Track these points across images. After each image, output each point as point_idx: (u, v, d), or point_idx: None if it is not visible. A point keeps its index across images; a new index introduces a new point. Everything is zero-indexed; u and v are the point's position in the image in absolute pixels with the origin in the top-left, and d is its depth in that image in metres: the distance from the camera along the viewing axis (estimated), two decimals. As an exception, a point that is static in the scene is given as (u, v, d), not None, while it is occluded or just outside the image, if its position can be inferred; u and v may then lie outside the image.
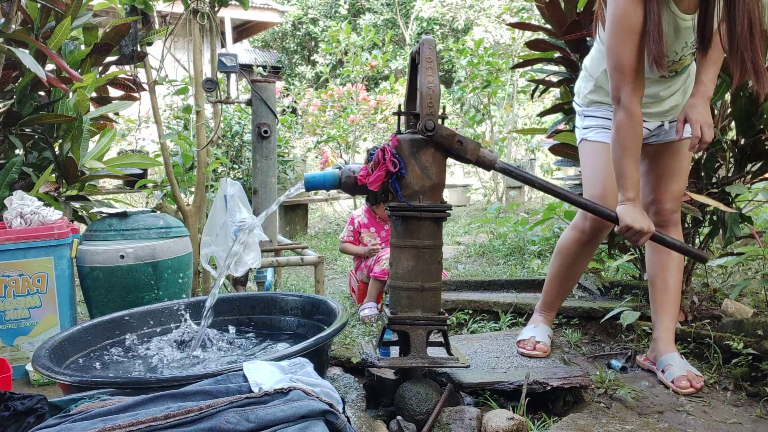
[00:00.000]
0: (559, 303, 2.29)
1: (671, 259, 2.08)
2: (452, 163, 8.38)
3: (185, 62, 3.47)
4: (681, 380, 1.94)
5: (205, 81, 2.93)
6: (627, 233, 1.78)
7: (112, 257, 2.36)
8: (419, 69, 1.70)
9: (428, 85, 1.66)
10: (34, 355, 1.64)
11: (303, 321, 2.18)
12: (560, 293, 2.24)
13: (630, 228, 1.76)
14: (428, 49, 1.70)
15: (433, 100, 1.65)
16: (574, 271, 2.18)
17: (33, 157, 2.91)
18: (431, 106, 1.65)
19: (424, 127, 1.65)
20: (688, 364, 2.02)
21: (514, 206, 6.97)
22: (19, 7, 2.59)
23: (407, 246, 1.74)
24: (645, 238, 1.79)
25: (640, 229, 1.76)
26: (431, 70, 1.67)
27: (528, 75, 5.37)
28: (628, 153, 1.80)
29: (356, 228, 3.37)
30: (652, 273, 2.13)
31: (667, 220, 2.07)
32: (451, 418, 1.65)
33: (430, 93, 1.66)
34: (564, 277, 2.19)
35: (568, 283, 2.22)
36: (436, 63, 1.68)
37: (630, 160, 1.80)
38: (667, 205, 2.06)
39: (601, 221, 1.97)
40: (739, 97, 2.17)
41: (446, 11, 14.12)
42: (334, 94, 7.46)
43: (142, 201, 6.02)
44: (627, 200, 1.80)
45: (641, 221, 1.77)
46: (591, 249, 2.12)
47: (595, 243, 2.10)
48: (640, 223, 1.76)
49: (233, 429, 1.08)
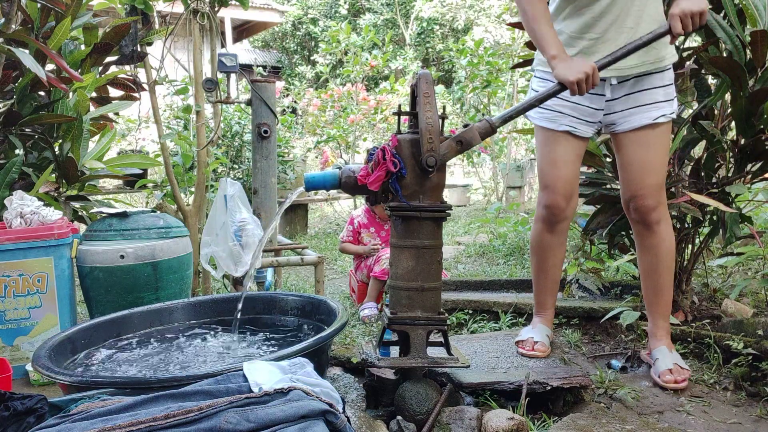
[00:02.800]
0: (552, 301, 2.26)
1: (660, 260, 2.05)
2: (452, 163, 8.32)
3: (185, 62, 3.47)
4: (665, 374, 1.97)
5: (205, 81, 2.93)
6: (578, 86, 1.76)
7: (112, 257, 2.36)
8: (418, 104, 1.72)
9: (427, 121, 1.67)
10: (34, 355, 1.64)
11: (303, 321, 2.18)
12: (545, 290, 2.24)
13: (577, 81, 1.74)
14: (425, 83, 1.71)
15: (432, 136, 1.67)
16: (549, 263, 2.18)
17: (33, 157, 2.91)
18: (431, 142, 1.67)
19: (426, 163, 1.66)
20: (675, 357, 2.02)
21: (514, 206, 6.97)
22: (19, 7, 2.59)
23: (407, 246, 1.74)
24: (596, 76, 1.77)
25: (584, 75, 1.75)
26: (429, 105, 1.69)
27: (528, 75, 5.37)
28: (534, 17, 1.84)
29: (356, 228, 3.37)
30: (643, 274, 2.12)
31: (649, 218, 2.00)
32: (451, 418, 1.65)
33: (429, 129, 1.67)
34: (541, 271, 2.21)
35: (547, 278, 2.22)
36: (433, 98, 1.70)
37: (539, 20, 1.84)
38: (647, 201, 1.98)
39: (550, 199, 2.04)
40: (739, 97, 2.17)
41: (446, 11, 14.13)
42: (334, 94, 7.46)
43: (142, 201, 6.03)
44: (552, 58, 1.81)
45: (579, 68, 1.76)
46: (557, 238, 2.13)
47: (557, 230, 2.11)
48: (581, 69, 1.75)
49: (233, 429, 1.08)
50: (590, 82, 1.76)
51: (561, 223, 2.11)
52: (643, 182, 1.97)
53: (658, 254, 2.04)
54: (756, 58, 2.14)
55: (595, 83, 1.78)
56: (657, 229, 2.01)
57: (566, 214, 2.09)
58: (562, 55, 1.80)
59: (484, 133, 1.77)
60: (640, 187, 1.98)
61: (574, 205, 2.12)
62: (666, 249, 2.04)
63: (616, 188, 2.57)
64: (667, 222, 2.03)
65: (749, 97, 2.14)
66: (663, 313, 2.09)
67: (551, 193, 2.06)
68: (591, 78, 1.76)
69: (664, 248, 2.03)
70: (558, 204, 2.06)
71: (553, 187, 2.05)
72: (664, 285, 2.07)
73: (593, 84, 1.78)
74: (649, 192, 1.97)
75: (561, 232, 2.13)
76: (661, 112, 1.93)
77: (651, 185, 1.97)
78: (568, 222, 2.13)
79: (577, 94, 1.79)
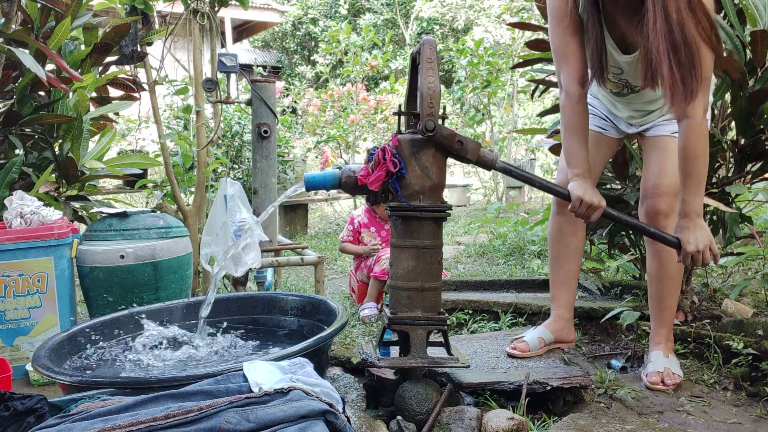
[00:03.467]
0: (564, 297, 2.20)
1: (665, 268, 2.04)
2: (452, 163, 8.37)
3: (185, 62, 3.47)
4: (652, 375, 1.99)
5: (205, 81, 2.93)
6: (579, 208, 1.79)
7: (112, 257, 2.36)
8: (420, 69, 1.70)
9: (429, 85, 1.66)
10: (34, 355, 1.64)
11: (303, 321, 2.18)
12: (557, 282, 2.21)
13: (581, 200, 1.78)
14: (429, 49, 1.70)
15: (433, 101, 1.65)
16: (561, 253, 2.17)
17: (33, 157, 2.91)
18: (431, 107, 1.65)
19: (425, 127, 1.65)
20: (669, 362, 2.02)
21: (514, 206, 6.98)
22: (19, 7, 2.59)
23: (407, 246, 1.74)
24: (597, 213, 1.79)
25: (590, 203, 1.77)
26: (432, 71, 1.67)
27: (528, 75, 5.37)
28: (570, 131, 1.87)
29: (356, 228, 3.38)
30: (648, 278, 2.12)
31: (659, 222, 1.95)
32: (451, 418, 1.65)
33: (430, 93, 1.66)
34: (554, 260, 2.21)
35: (560, 269, 2.19)
36: (436, 63, 1.69)
37: (574, 137, 1.87)
38: (660, 205, 1.96)
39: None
40: (739, 97, 2.17)
41: (446, 11, 14.13)
42: (334, 94, 7.46)
43: (142, 201, 6.03)
44: (576, 176, 1.84)
45: (591, 195, 1.78)
46: (571, 223, 2.11)
47: (568, 226, 2.11)
48: (590, 197, 1.77)
49: (233, 429, 1.08)
50: (589, 214, 1.80)
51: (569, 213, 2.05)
52: (657, 180, 1.98)
53: (662, 261, 2.03)
54: (756, 58, 2.14)
55: (593, 219, 1.82)
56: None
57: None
58: (584, 175, 1.84)
59: (481, 160, 1.75)
60: (655, 186, 1.99)
61: None
62: (671, 257, 2.01)
63: (616, 188, 2.58)
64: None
65: (749, 97, 2.14)
66: (664, 320, 2.08)
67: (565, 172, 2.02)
68: (593, 211, 1.79)
69: (670, 256, 2.01)
70: None
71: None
72: (667, 293, 2.06)
73: (589, 218, 1.81)
74: (661, 191, 1.97)
75: (577, 220, 2.04)
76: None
77: (666, 186, 1.97)
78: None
79: (572, 211, 1.82)
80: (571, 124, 1.87)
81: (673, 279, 2.06)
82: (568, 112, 1.87)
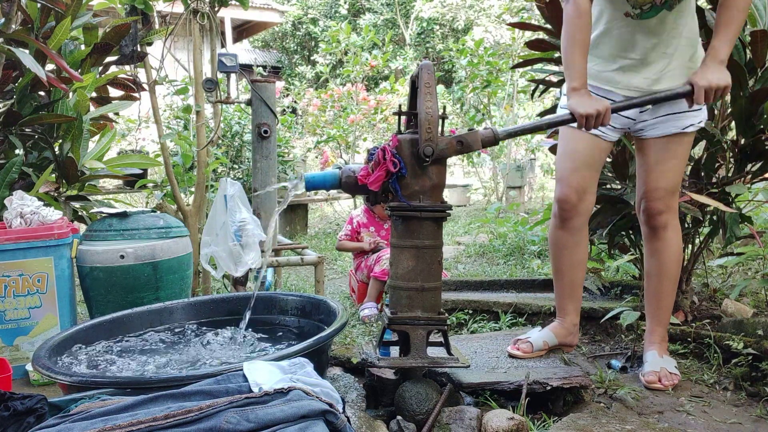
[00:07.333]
0: (572, 306, 2.15)
1: (663, 266, 2.04)
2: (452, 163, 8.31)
3: (185, 62, 3.47)
4: (649, 375, 1.99)
5: (205, 81, 2.93)
6: (587, 123, 1.78)
7: (112, 257, 2.36)
8: (418, 94, 1.71)
9: (427, 110, 1.68)
10: (34, 355, 1.64)
11: (303, 321, 2.18)
12: (562, 292, 2.16)
13: (585, 117, 1.76)
14: (427, 74, 1.71)
15: (431, 126, 1.67)
16: (564, 262, 2.10)
17: (33, 157, 2.91)
18: (430, 132, 1.67)
19: (423, 153, 1.67)
20: (665, 362, 2.01)
21: (514, 206, 6.97)
22: (19, 7, 2.59)
23: (407, 246, 1.74)
24: (606, 117, 1.78)
25: (596, 112, 1.76)
26: (430, 95, 1.69)
27: (528, 75, 5.37)
28: (573, 42, 1.84)
29: (355, 227, 3.38)
30: (646, 277, 2.12)
31: (656, 221, 1.99)
32: (451, 418, 1.65)
33: (428, 119, 1.67)
34: (557, 271, 2.14)
35: (563, 279, 2.13)
36: (434, 88, 1.71)
37: (576, 49, 1.84)
38: (656, 204, 1.98)
39: (562, 192, 2.01)
40: (739, 97, 2.17)
41: (446, 11, 14.13)
42: (334, 94, 7.45)
43: (142, 201, 6.03)
44: (572, 90, 1.82)
45: (592, 106, 1.77)
46: (570, 235, 2.05)
47: (569, 227, 2.04)
48: (594, 106, 1.76)
49: (233, 429, 1.08)
50: (600, 120, 1.77)
51: (572, 220, 2.03)
52: (656, 184, 1.97)
53: (661, 259, 2.03)
54: (756, 58, 2.14)
55: (605, 122, 1.79)
56: (663, 234, 2.01)
57: (578, 210, 2.02)
58: (582, 90, 1.81)
59: (486, 141, 1.77)
60: (652, 189, 1.98)
61: (588, 203, 2.04)
62: (670, 256, 2.02)
63: (615, 188, 2.57)
64: (674, 229, 2.02)
65: (749, 97, 2.14)
66: (660, 319, 2.07)
67: (563, 186, 2.01)
68: (602, 116, 1.77)
69: (668, 255, 2.02)
70: (569, 198, 2.00)
71: (566, 180, 2.00)
72: (664, 291, 2.05)
73: (603, 123, 1.79)
74: (660, 195, 1.97)
75: (574, 229, 2.04)
76: (691, 121, 1.93)
77: (663, 188, 1.97)
78: (582, 220, 2.05)
79: (583, 128, 1.80)
80: (575, 36, 1.84)
81: (671, 278, 2.05)
82: (574, 24, 1.83)
